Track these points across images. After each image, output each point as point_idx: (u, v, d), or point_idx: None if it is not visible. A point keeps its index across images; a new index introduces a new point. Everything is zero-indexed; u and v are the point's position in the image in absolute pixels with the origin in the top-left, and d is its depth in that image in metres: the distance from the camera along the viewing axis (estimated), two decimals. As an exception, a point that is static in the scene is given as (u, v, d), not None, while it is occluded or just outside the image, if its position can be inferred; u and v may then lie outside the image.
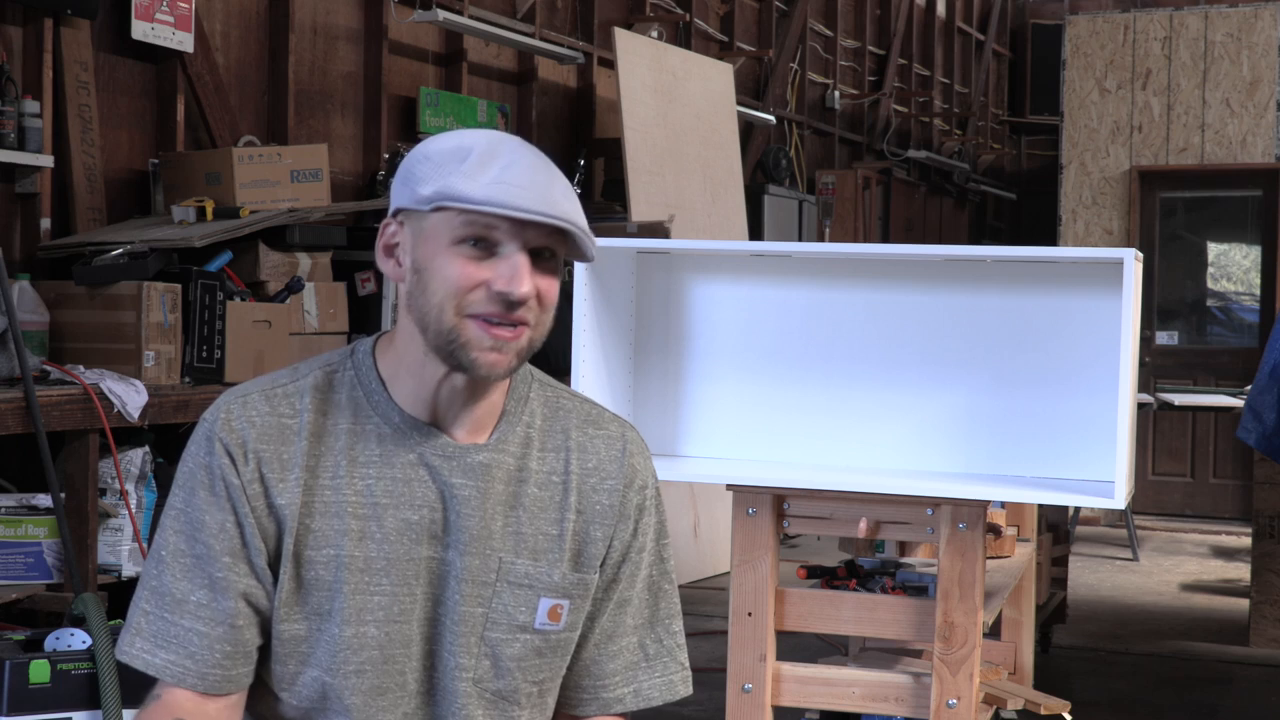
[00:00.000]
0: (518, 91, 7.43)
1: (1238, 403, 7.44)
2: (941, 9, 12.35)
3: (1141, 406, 7.70)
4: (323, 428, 1.79)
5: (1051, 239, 10.63)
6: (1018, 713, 4.05)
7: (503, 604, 1.81)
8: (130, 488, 4.36)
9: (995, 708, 3.73)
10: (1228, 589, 7.24)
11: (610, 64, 7.34)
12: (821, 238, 9.82)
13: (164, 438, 4.60)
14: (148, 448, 4.44)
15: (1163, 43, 10.13)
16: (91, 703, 3.23)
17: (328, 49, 6.25)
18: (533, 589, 1.82)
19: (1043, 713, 3.78)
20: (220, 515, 1.75)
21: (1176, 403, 8.09)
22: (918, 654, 3.81)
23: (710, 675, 4.47)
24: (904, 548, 3.80)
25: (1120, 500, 3.02)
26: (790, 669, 3.29)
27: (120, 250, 4.58)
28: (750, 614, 3.25)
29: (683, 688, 1.95)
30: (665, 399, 3.61)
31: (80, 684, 3.24)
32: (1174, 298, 10.51)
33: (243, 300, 4.82)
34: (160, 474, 4.47)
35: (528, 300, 1.72)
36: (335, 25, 6.29)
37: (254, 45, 5.88)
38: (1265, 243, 10.19)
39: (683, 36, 8.55)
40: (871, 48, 11.15)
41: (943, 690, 3.14)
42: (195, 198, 4.98)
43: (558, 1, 7.65)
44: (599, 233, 3.71)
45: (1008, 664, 4.22)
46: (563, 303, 2.07)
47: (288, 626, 1.77)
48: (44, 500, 4.13)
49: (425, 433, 1.79)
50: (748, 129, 9.19)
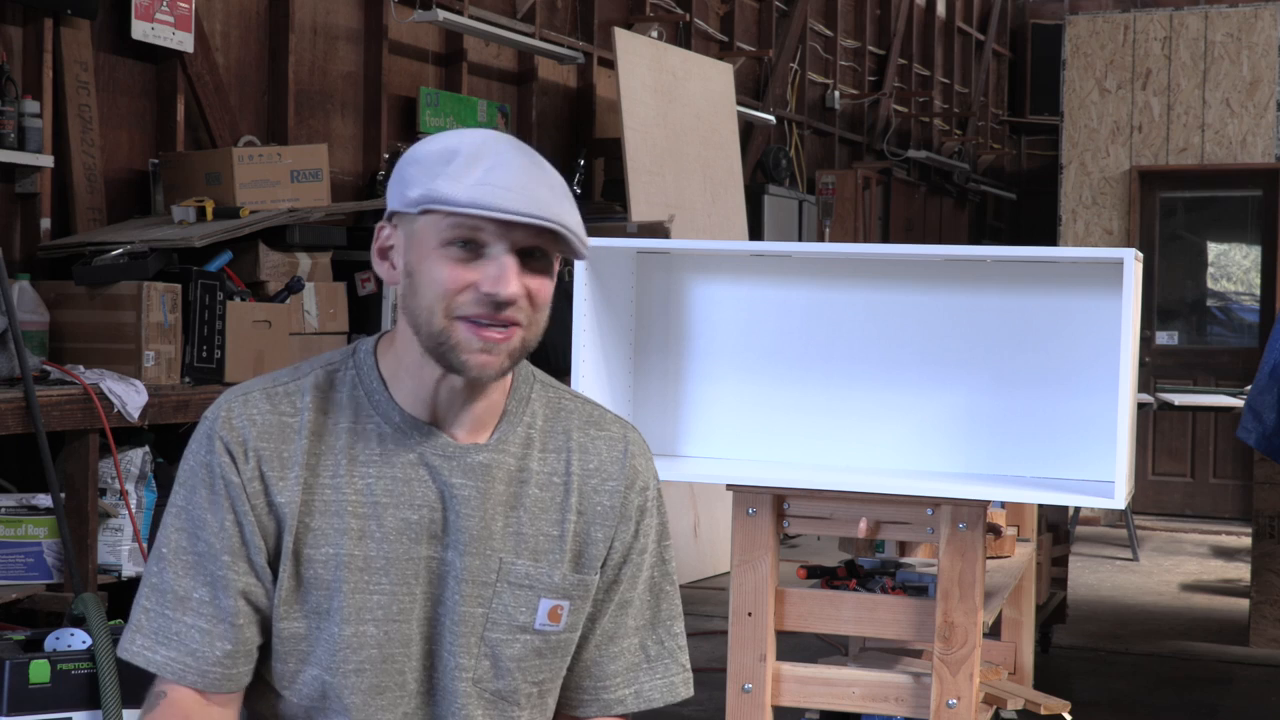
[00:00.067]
0: (518, 91, 7.42)
1: (1238, 403, 7.43)
2: (941, 9, 12.34)
3: (1141, 406, 7.70)
4: (323, 426, 1.79)
5: (1051, 239, 10.63)
6: (1018, 713, 4.05)
7: (503, 604, 1.81)
8: (130, 488, 4.36)
9: (995, 708, 3.73)
10: (1228, 589, 7.23)
11: (610, 64, 7.34)
12: (821, 238, 9.82)
13: (164, 438, 4.60)
14: (148, 448, 4.44)
15: (1163, 43, 10.13)
16: (91, 703, 3.23)
17: (328, 49, 6.25)
18: (533, 590, 1.82)
19: (1043, 713, 3.78)
20: (220, 513, 1.76)
21: (1176, 403, 8.09)
22: (918, 654, 3.81)
23: (710, 675, 4.46)
24: (904, 548, 3.80)
25: (1120, 500, 3.02)
26: (790, 669, 3.29)
27: (120, 250, 4.58)
28: (750, 614, 3.25)
29: (684, 689, 1.95)
30: (665, 399, 3.61)
31: (80, 684, 3.23)
32: (1174, 298, 10.50)
33: (243, 300, 4.82)
34: (160, 474, 4.46)
35: (516, 301, 1.71)
36: (335, 25, 6.29)
37: (254, 45, 5.88)
38: (1265, 243, 10.19)
39: (683, 36, 8.55)
40: (871, 48, 11.15)
41: (943, 690, 3.14)
42: (195, 198, 4.98)
43: (558, 1, 7.65)
44: (599, 233, 3.71)
45: (1008, 664, 4.22)
46: (563, 302, 2.07)
47: (287, 625, 1.77)
48: (44, 500, 4.13)
49: (425, 432, 1.79)
50: (748, 129, 9.19)
